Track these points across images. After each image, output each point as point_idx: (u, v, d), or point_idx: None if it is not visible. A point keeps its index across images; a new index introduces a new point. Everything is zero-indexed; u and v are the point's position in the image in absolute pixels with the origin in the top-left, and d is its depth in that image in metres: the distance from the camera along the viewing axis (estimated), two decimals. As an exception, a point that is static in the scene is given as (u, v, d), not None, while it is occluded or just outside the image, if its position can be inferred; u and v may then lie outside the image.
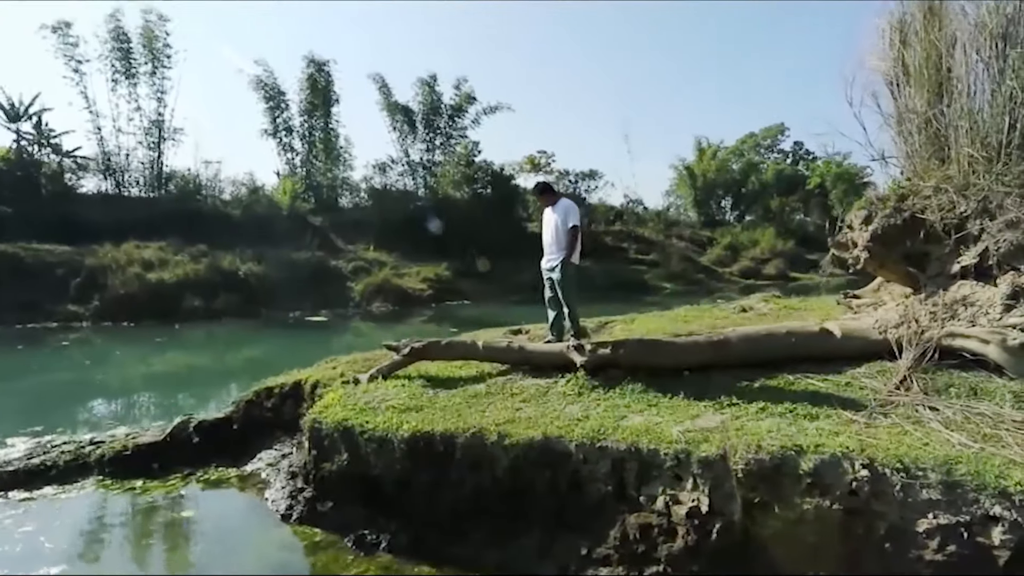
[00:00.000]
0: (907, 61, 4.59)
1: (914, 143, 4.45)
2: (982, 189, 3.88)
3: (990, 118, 4.01)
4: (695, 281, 33.05)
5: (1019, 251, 3.60)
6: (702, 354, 4.56)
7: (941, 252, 4.10)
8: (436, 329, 20.60)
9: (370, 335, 17.60)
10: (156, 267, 19.39)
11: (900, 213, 4.21)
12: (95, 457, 5.52)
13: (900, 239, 4.24)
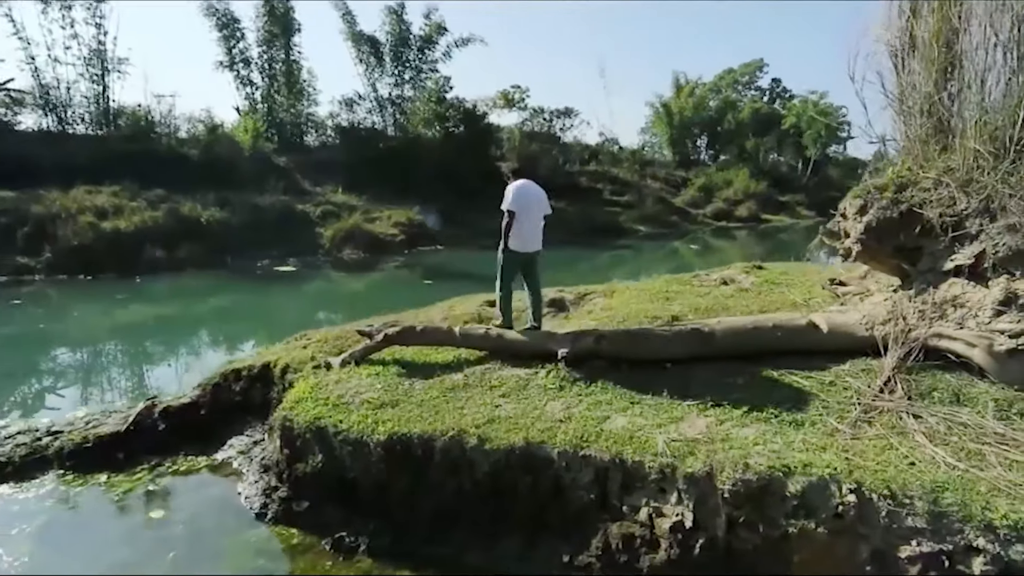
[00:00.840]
0: (916, 33, 4.27)
1: (915, 126, 4.22)
2: (985, 187, 3.72)
3: (1002, 109, 3.77)
4: (669, 223, 33.11)
5: (1017, 256, 3.50)
6: (686, 347, 4.46)
7: (935, 248, 3.98)
8: (408, 275, 20.30)
9: (341, 285, 17.26)
10: (111, 215, 18.31)
11: (897, 205, 4.04)
12: (54, 450, 5.25)
13: (894, 232, 4.10)
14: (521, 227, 5.41)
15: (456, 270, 19.39)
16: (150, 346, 11.17)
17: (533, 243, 5.49)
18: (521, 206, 5.41)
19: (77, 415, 6.36)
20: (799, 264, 8.96)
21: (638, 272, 24.84)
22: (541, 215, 5.54)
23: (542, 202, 5.55)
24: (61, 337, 11.04)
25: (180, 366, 9.59)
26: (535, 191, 5.55)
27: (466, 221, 27.05)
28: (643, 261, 26.04)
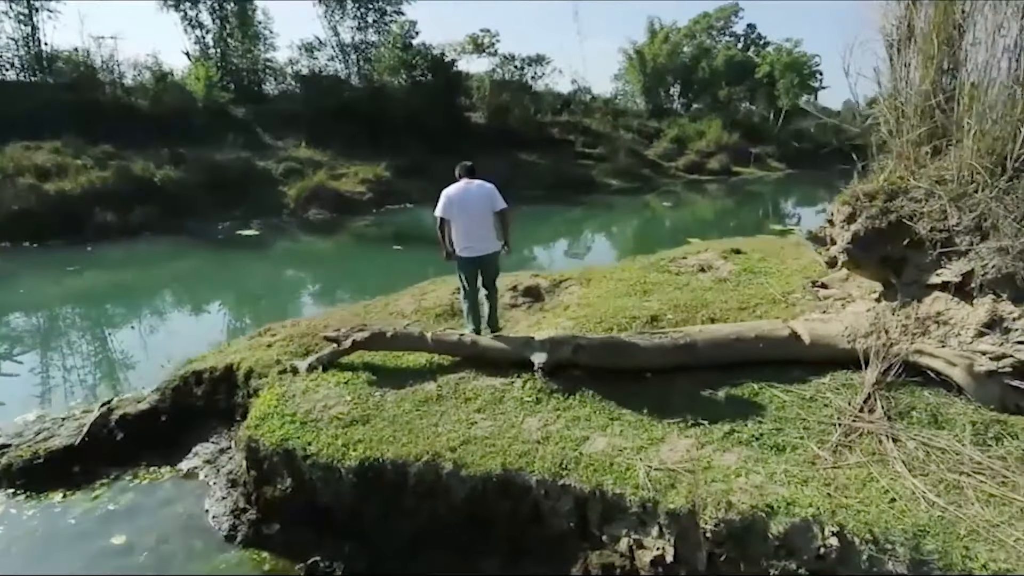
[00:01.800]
0: (914, 23, 4.00)
1: (908, 126, 4.02)
2: (978, 204, 3.58)
3: (1003, 120, 3.58)
4: (641, 177, 32.82)
5: (1005, 279, 3.42)
6: (666, 358, 4.35)
7: (922, 261, 3.88)
8: (378, 233, 19.76)
9: (307, 253, 16.68)
10: (54, 175, 17.14)
11: (886, 215, 3.90)
12: (2, 467, 4.95)
13: (882, 242, 3.98)
14: (458, 231, 5.11)
15: (426, 232, 18.82)
16: (108, 319, 10.76)
17: (479, 246, 5.13)
18: (450, 211, 5.11)
19: (27, 419, 6.03)
20: (772, 240, 8.92)
21: (610, 225, 24.80)
22: (484, 215, 5.14)
23: (483, 200, 5.14)
24: (8, 316, 10.46)
25: (143, 343, 9.23)
26: (472, 192, 5.14)
27: (436, 175, 26.29)
28: (615, 216, 25.93)
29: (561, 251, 20.63)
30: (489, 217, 5.16)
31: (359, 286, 13.16)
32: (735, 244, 7.86)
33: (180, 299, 12.49)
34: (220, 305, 12.00)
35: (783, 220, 25.16)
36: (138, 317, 10.96)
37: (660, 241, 20.58)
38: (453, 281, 7.60)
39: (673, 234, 20.69)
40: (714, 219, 25.09)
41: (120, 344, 9.29)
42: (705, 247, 7.53)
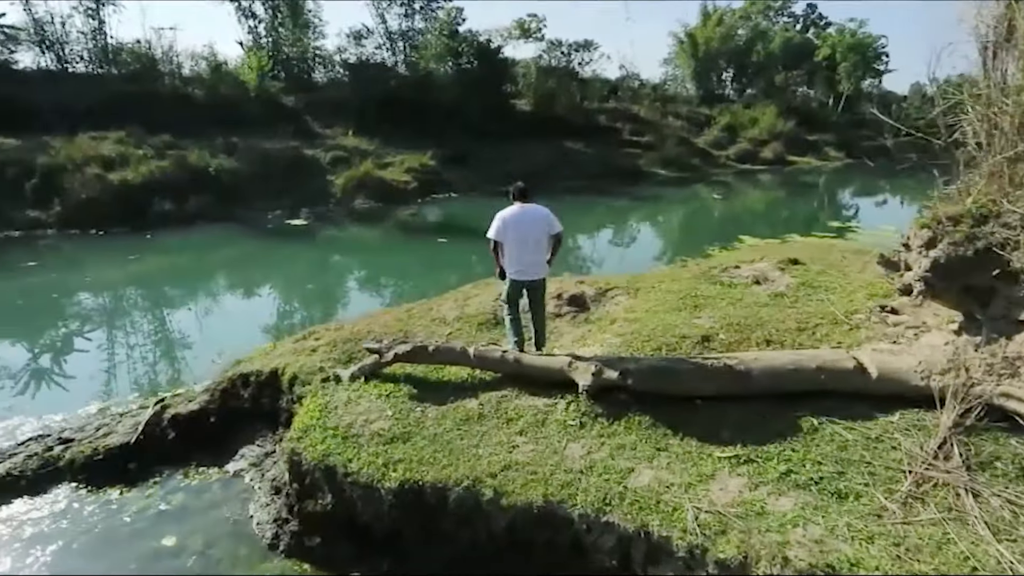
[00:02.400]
0: (1016, 23, 3.56)
1: (1003, 140, 3.62)
2: (1084, 236, 3.21)
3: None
4: (690, 167, 31.83)
5: (1111, 323, 3.06)
6: (719, 386, 4.13)
7: (1013, 293, 3.52)
8: (422, 223, 19.87)
9: (354, 246, 16.87)
10: (117, 165, 17.90)
11: (973, 242, 3.54)
12: (65, 462, 5.19)
13: (965, 271, 3.62)
14: (511, 255, 4.98)
15: (469, 223, 18.87)
16: (168, 301, 11.52)
17: (530, 271, 4.97)
18: (503, 235, 4.97)
19: (90, 411, 6.33)
20: (831, 245, 8.43)
21: (656, 214, 24.17)
22: (538, 239, 4.95)
23: (537, 224, 4.95)
24: (77, 296, 11.11)
25: (199, 324, 9.83)
26: (528, 215, 4.97)
27: (480, 164, 26.23)
28: (662, 206, 25.26)
29: (605, 240, 20.29)
30: (544, 242, 4.99)
31: (404, 278, 13.28)
32: (792, 252, 7.45)
33: (233, 284, 13.02)
34: (270, 291, 12.35)
35: (840, 214, 23.96)
36: (194, 299, 11.68)
37: (708, 234, 19.95)
38: (496, 285, 7.52)
39: (722, 227, 20.03)
40: (766, 212, 24.08)
41: (178, 324, 9.89)
42: (760, 255, 7.15)
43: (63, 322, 9.86)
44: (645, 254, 16.61)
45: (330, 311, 11.21)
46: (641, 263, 14.39)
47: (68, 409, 6.35)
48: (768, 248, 9.79)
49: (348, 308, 11.20)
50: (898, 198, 29.29)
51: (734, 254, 8.73)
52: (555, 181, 26.63)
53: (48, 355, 8.24)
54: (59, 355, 8.29)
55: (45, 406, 6.42)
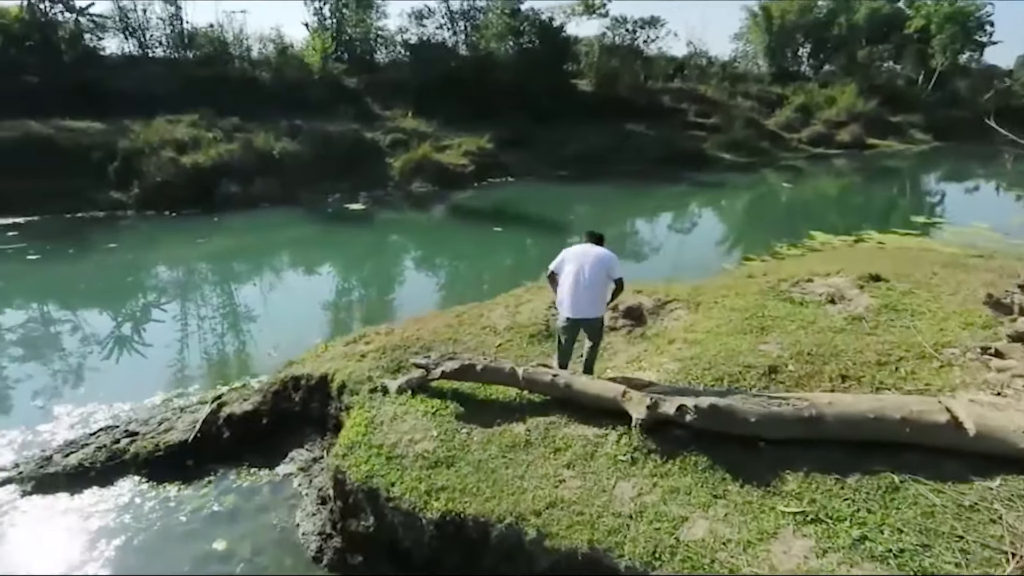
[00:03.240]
0: None
1: None
2: None
3: None
4: (759, 151, 30.20)
5: None
6: (786, 430, 3.79)
7: None
8: (479, 207, 19.79)
9: (409, 229, 16.96)
10: (189, 149, 18.70)
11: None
12: (130, 455, 5.45)
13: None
14: (564, 288, 4.78)
15: (526, 210, 18.67)
16: (235, 276, 12.46)
17: (577, 309, 4.69)
18: (560, 267, 4.86)
19: (155, 402, 6.61)
20: (911, 247, 7.66)
21: (719, 199, 23.08)
22: (593, 278, 4.69)
23: (598, 262, 4.71)
24: (153, 270, 12.16)
25: (263, 299, 10.70)
26: (591, 253, 4.79)
27: (539, 147, 25.81)
28: (726, 193, 24.12)
29: (664, 225, 19.64)
30: (602, 285, 4.75)
31: (459, 267, 13.24)
32: (870, 258, 6.84)
33: (294, 264, 13.66)
34: (328, 272, 12.65)
35: (924, 205, 22.12)
36: (258, 277, 12.48)
37: (776, 225, 18.90)
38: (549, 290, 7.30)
39: (792, 219, 18.89)
40: (840, 202, 22.52)
41: (242, 305, 10.48)
42: (836, 268, 6.56)
43: (134, 305, 10.38)
44: (706, 244, 15.91)
45: (385, 293, 11.35)
46: (702, 256, 13.80)
47: (135, 397, 6.67)
48: (842, 253, 9.07)
49: (402, 292, 11.30)
50: (992, 184, 26.80)
51: (805, 263, 8.07)
52: (615, 165, 25.94)
53: (119, 340, 8.68)
54: (128, 341, 8.71)
55: (115, 393, 6.76)
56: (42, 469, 5.30)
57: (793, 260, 8.97)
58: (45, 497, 5.12)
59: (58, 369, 7.69)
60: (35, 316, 9.71)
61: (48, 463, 5.37)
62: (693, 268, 11.75)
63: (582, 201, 22.02)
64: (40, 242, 13.52)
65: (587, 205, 21.76)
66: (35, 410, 6.41)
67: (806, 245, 13.19)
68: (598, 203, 21.68)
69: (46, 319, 9.57)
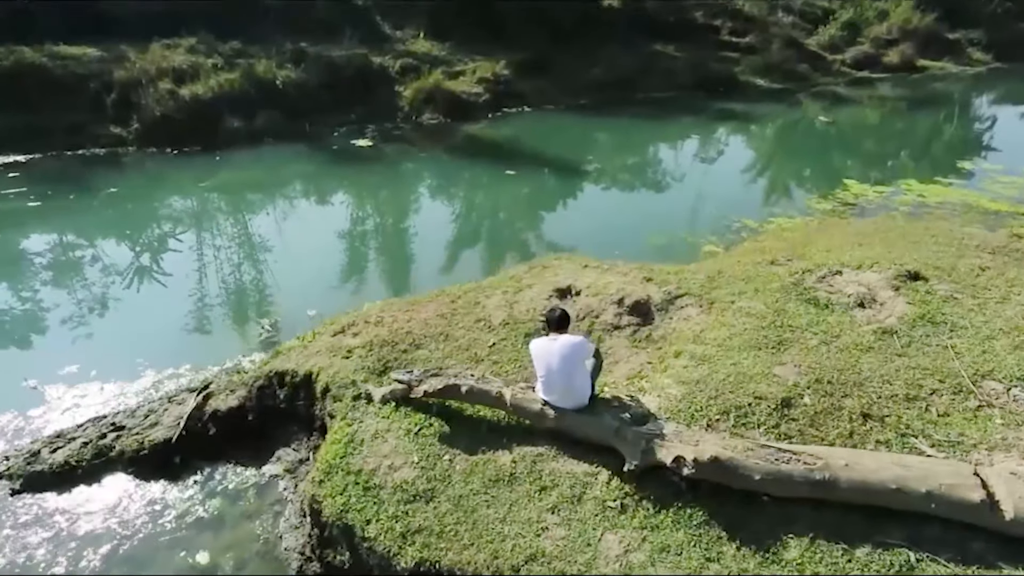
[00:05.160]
0: None
1: None
2: None
3: None
4: (796, 75, 27.91)
5: None
6: (794, 490, 3.43)
7: None
8: (492, 139, 18.85)
9: (417, 172, 16.20)
10: (188, 78, 17.79)
11: None
12: (116, 452, 5.36)
13: None
14: (539, 391, 4.30)
15: (542, 147, 17.68)
16: (248, 206, 12.98)
17: (565, 403, 4.18)
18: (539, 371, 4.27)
19: (145, 384, 6.48)
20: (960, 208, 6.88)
21: (746, 128, 21.62)
22: (566, 378, 4.12)
23: (563, 364, 4.10)
24: (164, 208, 12.55)
25: (277, 228, 11.26)
26: (555, 352, 4.14)
27: (558, 73, 24.16)
28: (757, 123, 22.60)
29: (690, 155, 18.68)
30: (580, 374, 4.17)
31: (465, 224, 12.68)
32: (911, 249, 6.16)
33: (297, 211, 13.49)
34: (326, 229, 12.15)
35: (975, 144, 20.33)
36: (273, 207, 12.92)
37: (808, 168, 17.71)
38: (556, 268, 6.81)
39: (825, 161, 17.59)
40: (880, 140, 20.88)
41: (256, 228, 11.14)
42: (872, 262, 5.89)
43: (130, 268, 9.87)
44: (731, 190, 14.95)
45: (384, 255, 10.95)
46: (726, 197, 12.98)
47: (126, 375, 6.57)
48: (879, 225, 8.29)
49: (401, 253, 10.88)
50: (1058, 117, 24.59)
51: (835, 239, 7.30)
52: (639, 92, 24.30)
53: (113, 310, 8.42)
54: (122, 311, 8.40)
55: (106, 369, 6.65)
56: (30, 466, 5.25)
57: (822, 233, 8.21)
58: (34, 496, 5.10)
59: (51, 343, 7.57)
60: (30, 280, 9.45)
61: (36, 459, 5.31)
62: (715, 218, 11.07)
63: (603, 131, 20.86)
64: (41, 186, 13.20)
65: (607, 134, 20.65)
66: (27, 392, 6.33)
67: (838, 197, 12.25)
68: (619, 133, 20.55)
69: (41, 282, 9.35)
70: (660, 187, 15.69)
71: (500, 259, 10.68)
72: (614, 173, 16.90)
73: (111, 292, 8.92)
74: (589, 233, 11.16)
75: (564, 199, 14.22)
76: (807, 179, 15.93)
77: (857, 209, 11.21)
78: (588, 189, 14.91)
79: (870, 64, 30.13)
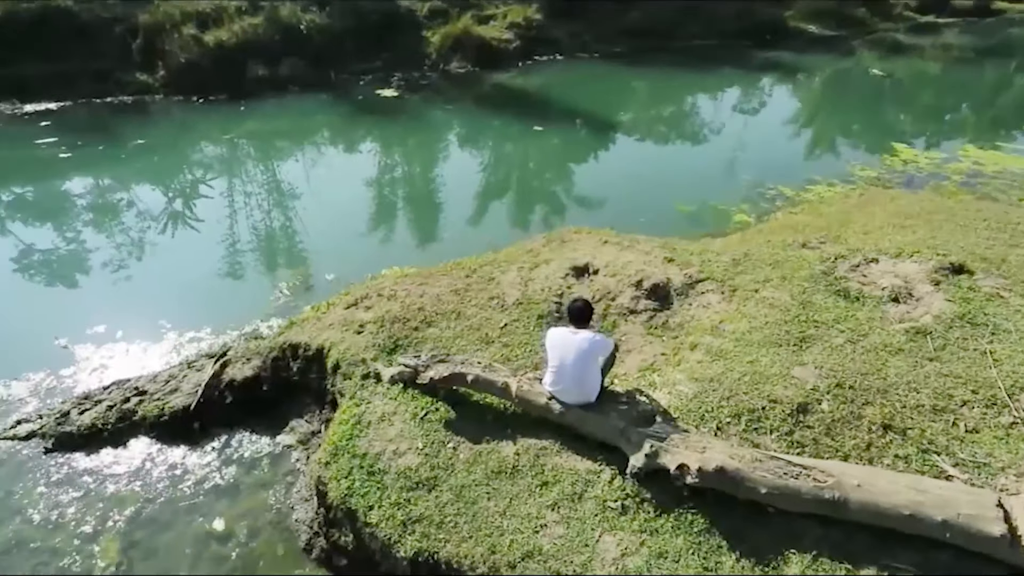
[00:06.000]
0: None
1: None
2: None
3: None
4: (851, 21, 25.97)
5: None
6: (801, 506, 3.32)
7: None
8: (521, 91, 18.21)
9: (442, 126, 15.76)
10: (211, 24, 17.48)
11: None
12: (139, 417, 5.55)
13: None
14: (546, 382, 4.21)
15: (574, 99, 17.00)
16: (277, 153, 13.30)
17: (573, 394, 4.09)
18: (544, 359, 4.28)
19: (166, 348, 6.66)
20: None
21: (792, 79, 20.33)
22: (578, 375, 4.02)
23: (576, 362, 4.00)
24: (195, 153, 13.04)
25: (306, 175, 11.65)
26: (571, 346, 4.04)
27: (592, 17, 22.91)
28: (803, 68, 21.24)
29: (729, 107, 17.85)
30: (591, 375, 4.07)
31: (489, 184, 12.40)
32: (958, 232, 5.73)
33: (319, 161, 13.53)
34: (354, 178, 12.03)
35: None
36: (298, 158, 13.20)
37: (852, 115, 16.71)
38: (574, 243, 6.61)
39: (875, 119, 16.43)
40: (939, 96, 19.40)
41: (279, 184, 11.38)
42: (912, 249, 5.49)
43: (155, 225, 9.83)
44: (770, 143, 14.21)
45: (405, 214, 10.83)
46: (765, 159, 12.37)
47: (150, 336, 6.78)
48: (924, 204, 7.72)
49: (422, 215, 10.72)
50: None
51: (876, 218, 6.84)
52: (679, 39, 22.97)
53: (138, 270, 8.57)
54: (147, 273, 8.51)
55: (132, 330, 6.86)
56: (60, 426, 5.49)
57: (862, 209, 7.71)
58: (64, 455, 5.35)
59: (80, 300, 7.80)
60: (61, 233, 9.66)
61: (66, 420, 5.55)
62: (749, 185, 10.56)
63: (638, 81, 19.92)
64: (71, 135, 13.32)
65: (643, 84, 19.73)
66: (58, 351, 6.56)
67: (886, 163, 11.50)
68: (656, 84, 19.63)
69: (68, 238, 9.52)
70: (697, 139, 15.02)
71: (525, 218, 10.53)
72: (649, 125, 16.22)
73: (137, 252, 9.08)
74: (617, 194, 10.81)
75: (594, 153, 13.75)
76: (854, 136, 14.99)
77: (905, 178, 10.51)
78: (619, 144, 14.36)
79: (938, 7, 27.81)
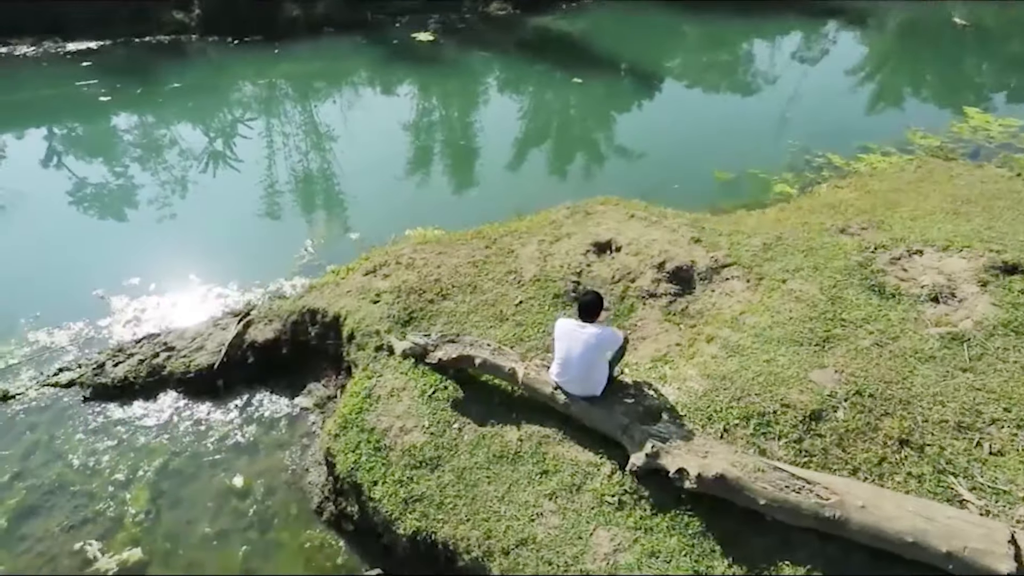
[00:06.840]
0: None
1: None
2: None
3: None
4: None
5: None
6: (800, 521, 3.24)
7: None
8: (563, 36, 17.42)
9: (478, 75, 15.19)
10: (247, -42, 17.06)
11: None
12: (168, 372, 5.81)
13: None
14: (552, 370, 4.18)
15: (618, 47, 16.12)
16: (315, 93, 13.51)
17: (578, 386, 4.06)
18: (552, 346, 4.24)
19: (194, 298, 6.87)
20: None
21: (860, 26, 18.66)
22: (582, 370, 3.98)
23: (583, 356, 3.94)
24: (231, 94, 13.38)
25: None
26: (579, 339, 3.97)
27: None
28: (874, 13, 19.51)
29: (788, 54, 16.73)
30: (598, 370, 4.03)
31: (529, 129, 12.03)
32: (1020, 238, 5.25)
33: (353, 106, 13.60)
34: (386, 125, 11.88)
35: None
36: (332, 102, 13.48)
37: (923, 70, 15.36)
38: (599, 216, 6.40)
39: (949, 79, 14.89)
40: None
41: (312, 130, 11.65)
42: (963, 243, 5.04)
43: (188, 178, 9.91)
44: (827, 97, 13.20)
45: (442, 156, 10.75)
46: (815, 118, 11.58)
47: (181, 287, 7.03)
48: (987, 185, 7.10)
49: (449, 173, 10.53)
50: None
51: (931, 198, 6.26)
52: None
53: (172, 220, 8.81)
54: (171, 218, 8.81)
55: (163, 283, 7.11)
56: (96, 377, 5.80)
57: (916, 188, 7.14)
58: (100, 405, 5.68)
59: (120, 249, 8.04)
60: (102, 179, 9.95)
61: (101, 371, 5.85)
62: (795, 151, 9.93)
63: (690, 26, 18.68)
64: (110, 77, 13.47)
65: (695, 29, 18.52)
66: (96, 302, 6.86)
67: (952, 130, 10.58)
68: (709, 29, 18.39)
69: (108, 189, 9.74)
70: (748, 90, 14.13)
71: (561, 171, 10.35)
72: (697, 75, 15.28)
73: (179, 192, 9.43)
74: (654, 155, 10.40)
75: (638, 104, 13.15)
76: (921, 95, 13.82)
77: (971, 149, 9.64)
78: (664, 96, 13.63)
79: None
